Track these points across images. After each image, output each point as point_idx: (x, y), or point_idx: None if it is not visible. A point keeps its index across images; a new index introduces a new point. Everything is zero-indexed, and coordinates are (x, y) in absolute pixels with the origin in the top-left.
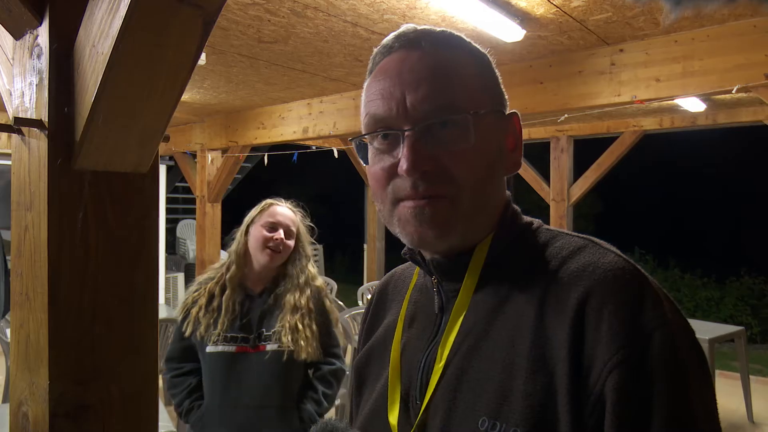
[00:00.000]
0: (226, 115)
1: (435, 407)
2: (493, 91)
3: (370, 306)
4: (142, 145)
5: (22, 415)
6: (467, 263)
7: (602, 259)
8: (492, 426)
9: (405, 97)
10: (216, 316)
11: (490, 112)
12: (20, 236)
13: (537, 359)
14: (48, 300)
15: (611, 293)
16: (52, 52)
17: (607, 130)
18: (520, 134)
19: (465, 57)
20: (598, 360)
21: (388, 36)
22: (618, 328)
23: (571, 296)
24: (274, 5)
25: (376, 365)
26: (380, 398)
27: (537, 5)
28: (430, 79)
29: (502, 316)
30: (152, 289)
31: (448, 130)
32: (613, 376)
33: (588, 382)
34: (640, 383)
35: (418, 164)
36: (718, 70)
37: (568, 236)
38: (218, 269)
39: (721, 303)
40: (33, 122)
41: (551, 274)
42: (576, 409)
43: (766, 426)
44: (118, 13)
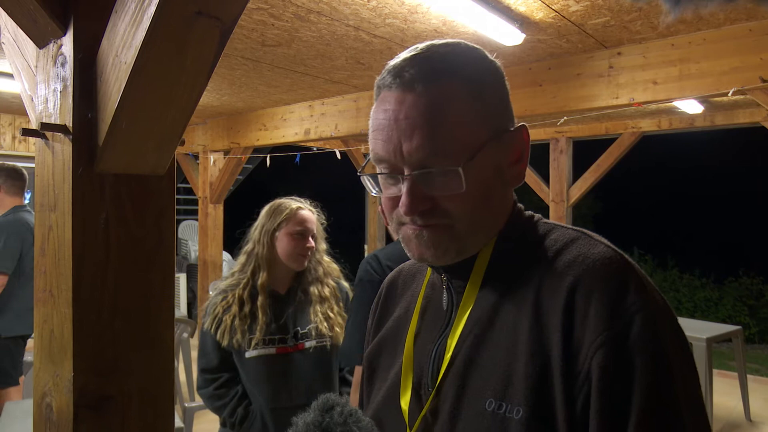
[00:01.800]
0: (229, 116)
1: (445, 393)
2: (495, 114)
3: (379, 300)
4: (160, 149)
5: (45, 405)
6: (472, 264)
7: (592, 249)
8: (498, 407)
9: (401, 144)
10: (250, 322)
11: (486, 144)
12: (44, 236)
13: (534, 344)
14: (72, 296)
15: (598, 280)
16: (77, 60)
17: (605, 131)
18: (526, 145)
19: (461, 89)
20: (585, 341)
21: (389, 65)
22: (603, 312)
23: (563, 284)
24: (278, 10)
25: (387, 356)
26: (393, 386)
27: (536, 10)
28: (420, 128)
29: (505, 307)
30: (169, 286)
31: (442, 177)
32: (598, 355)
33: (577, 362)
34: (622, 360)
35: (415, 206)
36: (715, 72)
37: (563, 228)
38: (238, 275)
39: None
40: (58, 127)
41: (546, 265)
42: (568, 388)
43: (764, 425)
44: (141, 25)
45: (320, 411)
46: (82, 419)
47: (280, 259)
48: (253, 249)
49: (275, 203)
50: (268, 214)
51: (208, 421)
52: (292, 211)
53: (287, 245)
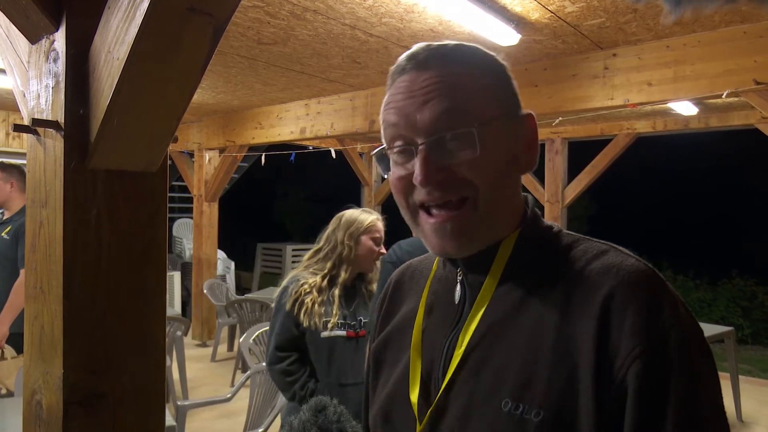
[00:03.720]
0: (224, 114)
1: (457, 390)
2: (504, 97)
3: (386, 296)
4: (153, 146)
5: (35, 403)
6: (492, 257)
7: (625, 262)
8: (515, 407)
9: (416, 115)
10: (326, 308)
11: (497, 119)
12: (35, 232)
13: (561, 349)
14: (62, 292)
15: (634, 293)
16: (69, 56)
17: (600, 132)
18: (535, 133)
19: (472, 70)
20: (621, 351)
21: (402, 56)
22: (640, 325)
23: (597, 294)
24: (274, 8)
25: (393, 350)
26: (401, 379)
27: (532, 10)
28: (436, 96)
29: (527, 309)
30: (161, 283)
31: (456, 142)
32: (636, 365)
33: (612, 370)
34: (660, 372)
35: (431, 175)
36: (709, 74)
37: (591, 241)
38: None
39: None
40: (49, 123)
41: (576, 273)
42: (599, 395)
43: (755, 425)
44: (134, 21)
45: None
46: (72, 416)
47: (360, 260)
48: (336, 248)
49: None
50: (350, 221)
51: (201, 419)
52: (373, 221)
53: (368, 249)
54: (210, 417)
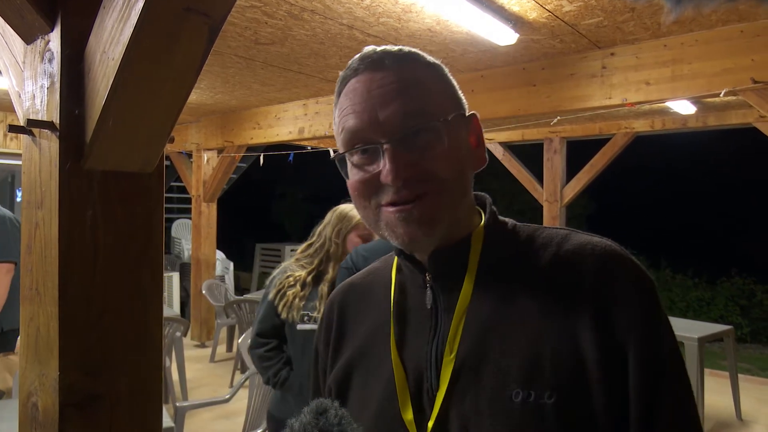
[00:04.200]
0: (222, 115)
1: (460, 396)
2: (454, 97)
3: (332, 322)
4: (149, 146)
5: (31, 405)
6: (464, 255)
7: (592, 240)
8: (527, 395)
9: (377, 113)
10: (306, 302)
11: (455, 116)
12: (30, 233)
13: (560, 331)
14: (58, 294)
15: (616, 267)
16: (64, 56)
17: (599, 131)
18: (480, 133)
19: (425, 70)
20: (618, 320)
21: (353, 59)
22: (630, 291)
23: (583, 272)
24: (272, 8)
25: (360, 376)
26: (385, 400)
27: (530, 9)
28: (397, 93)
29: (512, 301)
30: (158, 284)
31: (422, 138)
32: (635, 332)
33: (613, 339)
34: (654, 331)
35: (400, 172)
36: (707, 73)
37: (549, 228)
38: (304, 262)
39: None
40: (45, 124)
41: (552, 258)
42: (604, 364)
43: (754, 424)
44: (129, 21)
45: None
46: (67, 418)
47: (345, 256)
48: (325, 245)
49: (345, 209)
50: (339, 218)
51: (200, 420)
52: (359, 219)
53: (356, 245)
54: (209, 418)
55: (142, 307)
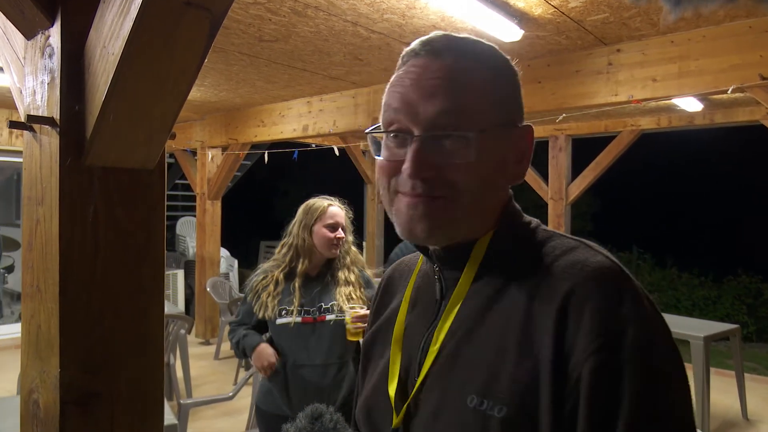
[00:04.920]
0: (227, 112)
1: (430, 386)
2: (508, 104)
3: (378, 291)
4: (149, 142)
5: (33, 402)
6: (468, 254)
7: (591, 258)
8: (480, 403)
9: (419, 105)
10: (282, 298)
11: (497, 127)
12: (31, 230)
13: (524, 345)
14: (59, 291)
15: (594, 289)
16: (64, 52)
17: (605, 129)
18: (529, 146)
19: (483, 69)
20: (578, 347)
21: (417, 40)
22: (597, 320)
23: (559, 289)
24: (275, 4)
25: (380, 345)
26: (383, 373)
27: (535, 5)
28: (443, 91)
29: (497, 306)
30: (159, 281)
31: (452, 143)
32: (590, 362)
33: (568, 367)
34: (613, 369)
35: (420, 170)
36: (714, 70)
37: (563, 237)
38: (279, 260)
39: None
40: (45, 120)
41: (544, 269)
42: (556, 391)
43: (761, 423)
44: (129, 15)
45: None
46: (68, 415)
47: (317, 249)
48: (293, 241)
49: (309, 203)
50: (304, 212)
51: (203, 418)
52: (324, 208)
53: (323, 236)
54: (212, 415)
55: (143, 304)
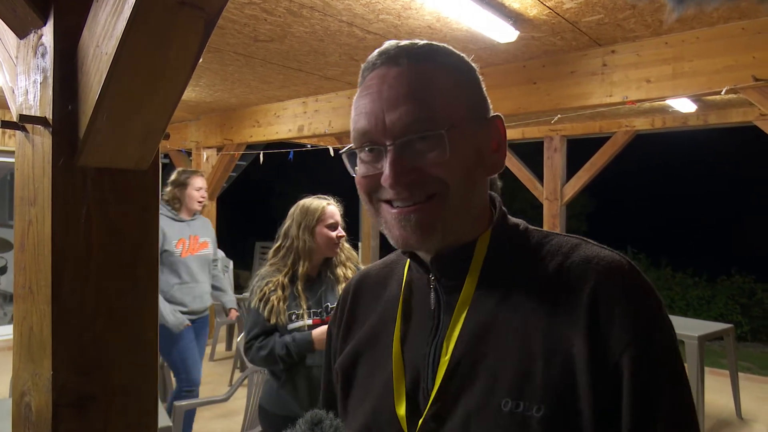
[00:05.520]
0: (222, 113)
1: (452, 396)
2: (472, 98)
3: (345, 306)
4: (143, 143)
5: (24, 405)
6: (467, 259)
7: (600, 253)
8: (516, 406)
9: (384, 115)
10: (290, 302)
11: (466, 121)
12: (24, 230)
13: (553, 342)
14: (51, 292)
15: (618, 284)
16: (57, 51)
17: (599, 130)
18: (503, 136)
19: (442, 69)
20: (613, 339)
21: (373, 53)
22: (629, 312)
23: (583, 287)
24: (271, 5)
25: (366, 364)
26: (383, 394)
27: (530, 6)
28: (406, 96)
29: (511, 308)
30: (153, 282)
31: (425, 144)
32: (629, 351)
33: (606, 358)
34: (651, 356)
35: (400, 177)
36: (708, 71)
37: (560, 235)
38: (278, 265)
39: (712, 301)
40: (37, 119)
41: (556, 268)
42: (594, 383)
43: (755, 422)
44: (122, 14)
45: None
46: (61, 418)
47: (319, 250)
48: (293, 243)
49: (306, 203)
50: (302, 213)
51: (199, 419)
52: (323, 208)
53: (326, 237)
54: (208, 417)
55: (136, 306)
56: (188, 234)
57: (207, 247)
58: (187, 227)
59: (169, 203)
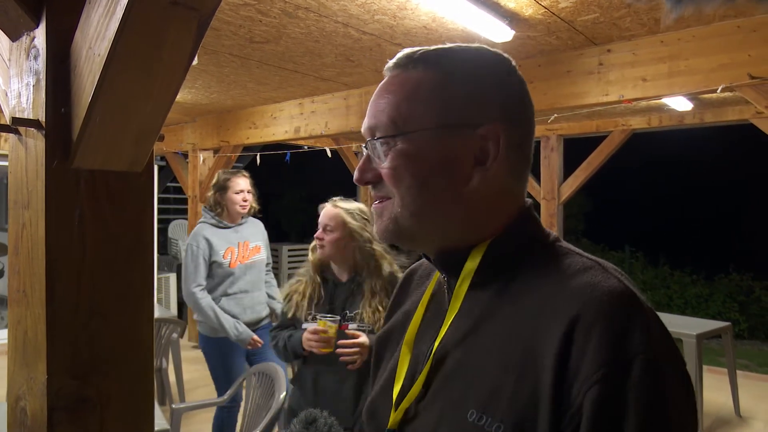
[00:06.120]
0: (218, 114)
1: (432, 395)
2: (454, 106)
3: (396, 290)
4: (137, 145)
5: (20, 409)
6: (462, 262)
7: (603, 282)
8: (479, 418)
9: (370, 119)
10: (308, 302)
11: (432, 129)
12: (17, 234)
13: (527, 364)
14: (46, 296)
15: (602, 315)
16: (49, 53)
17: (596, 129)
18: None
19: (424, 76)
20: (581, 374)
21: None
22: (603, 348)
23: (566, 312)
24: (266, 6)
25: (392, 345)
26: (390, 376)
27: (526, 6)
28: (387, 101)
29: (499, 317)
30: (148, 285)
31: (383, 148)
32: (592, 391)
33: (570, 394)
34: (617, 401)
35: (361, 176)
36: (704, 69)
37: (579, 256)
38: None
39: (710, 300)
40: (30, 122)
41: (553, 288)
42: (555, 417)
43: (753, 420)
44: (115, 15)
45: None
46: (57, 422)
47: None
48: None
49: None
50: None
51: (198, 422)
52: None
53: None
54: (206, 419)
55: (132, 309)
56: (236, 241)
57: (259, 252)
58: (234, 234)
59: (212, 209)
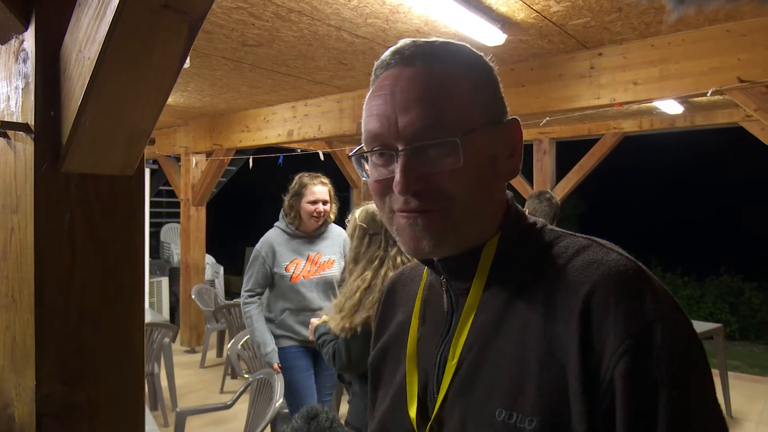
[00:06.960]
0: (211, 118)
1: (452, 402)
2: (489, 102)
3: (380, 304)
4: (128, 148)
5: (8, 417)
6: (475, 263)
7: (606, 257)
8: (509, 416)
9: (397, 118)
10: None
11: (481, 127)
12: (6, 239)
13: (547, 351)
14: (35, 301)
15: (615, 288)
16: (39, 56)
17: (588, 132)
18: (519, 140)
19: (458, 71)
20: (606, 350)
21: (388, 50)
22: (622, 320)
23: (578, 292)
24: (258, 9)
25: (391, 361)
26: (399, 393)
27: (518, 10)
28: (419, 99)
29: (512, 314)
30: (139, 290)
31: (438, 151)
32: (621, 364)
33: (599, 371)
34: (646, 369)
35: (409, 185)
36: (694, 73)
37: (572, 236)
38: None
39: (701, 301)
40: (19, 126)
41: (557, 272)
42: (587, 397)
43: (745, 421)
44: (105, 19)
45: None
46: (45, 429)
47: None
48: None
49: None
50: None
51: (194, 427)
52: None
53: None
54: (201, 424)
55: (122, 314)
56: (306, 252)
57: (331, 267)
58: (305, 244)
59: (286, 214)
